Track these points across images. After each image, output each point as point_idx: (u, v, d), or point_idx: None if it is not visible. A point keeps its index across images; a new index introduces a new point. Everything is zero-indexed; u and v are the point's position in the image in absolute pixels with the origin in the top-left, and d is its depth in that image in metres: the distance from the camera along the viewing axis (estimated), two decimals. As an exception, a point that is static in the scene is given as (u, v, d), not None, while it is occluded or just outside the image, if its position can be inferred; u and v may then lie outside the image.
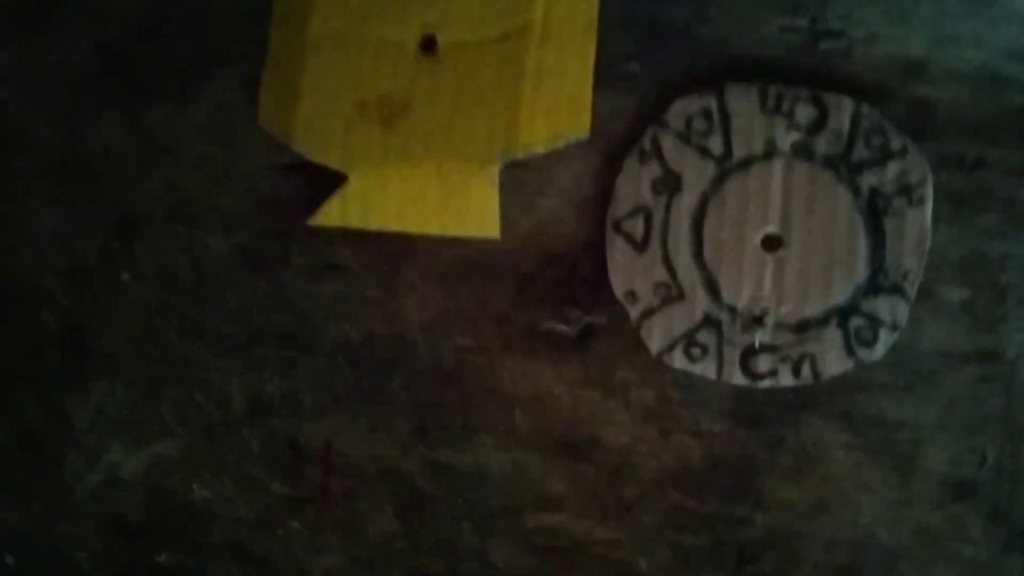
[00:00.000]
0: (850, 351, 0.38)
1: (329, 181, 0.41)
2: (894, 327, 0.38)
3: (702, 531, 0.41)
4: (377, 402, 0.44)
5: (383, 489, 0.44)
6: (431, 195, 0.41)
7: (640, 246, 0.39)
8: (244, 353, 0.44)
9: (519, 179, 0.41)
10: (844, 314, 0.38)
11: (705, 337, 0.39)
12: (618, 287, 0.40)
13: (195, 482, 0.45)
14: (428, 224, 0.42)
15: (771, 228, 0.38)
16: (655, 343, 0.39)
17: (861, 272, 0.38)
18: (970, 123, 0.39)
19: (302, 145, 0.41)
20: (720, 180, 0.39)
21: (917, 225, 0.38)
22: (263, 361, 0.44)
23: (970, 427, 0.39)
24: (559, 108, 0.40)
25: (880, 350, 0.38)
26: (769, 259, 0.39)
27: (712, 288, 0.39)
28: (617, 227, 0.40)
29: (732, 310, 0.39)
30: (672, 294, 0.39)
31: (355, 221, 0.42)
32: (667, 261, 0.39)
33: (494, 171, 0.40)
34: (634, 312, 0.39)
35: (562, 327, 0.42)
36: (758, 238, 0.39)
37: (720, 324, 0.39)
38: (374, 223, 0.42)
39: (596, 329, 0.41)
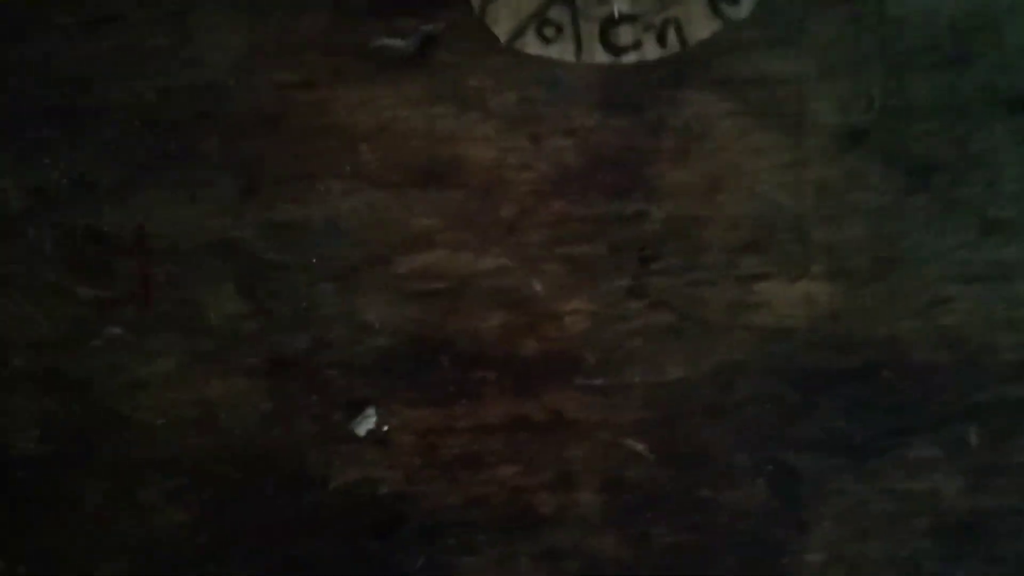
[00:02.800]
0: (715, 9, 0.35)
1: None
2: None
3: (595, 237, 0.36)
4: (191, 166, 0.36)
5: (217, 265, 0.36)
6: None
7: None
8: (11, 139, 0.36)
9: None
10: None
11: (558, 13, 0.35)
12: None
13: (-27, 310, 0.36)
14: (219, -61, 0.35)
15: None
16: (503, 28, 0.34)
17: None
18: None
19: None
20: None
21: None
22: (38, 144, 0.36)
23: (850, 70, 0.36)
24: None
25: (747, 5, 0.35)
26: None
27: None
28: None
29: None
30: None
31: (128, -51, 0.34)
32: None
33: None
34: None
35: (397, 42, 0.36)
36: None
37: None
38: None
39: (436, 37, 0.36)
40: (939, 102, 0.36)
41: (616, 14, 0.34)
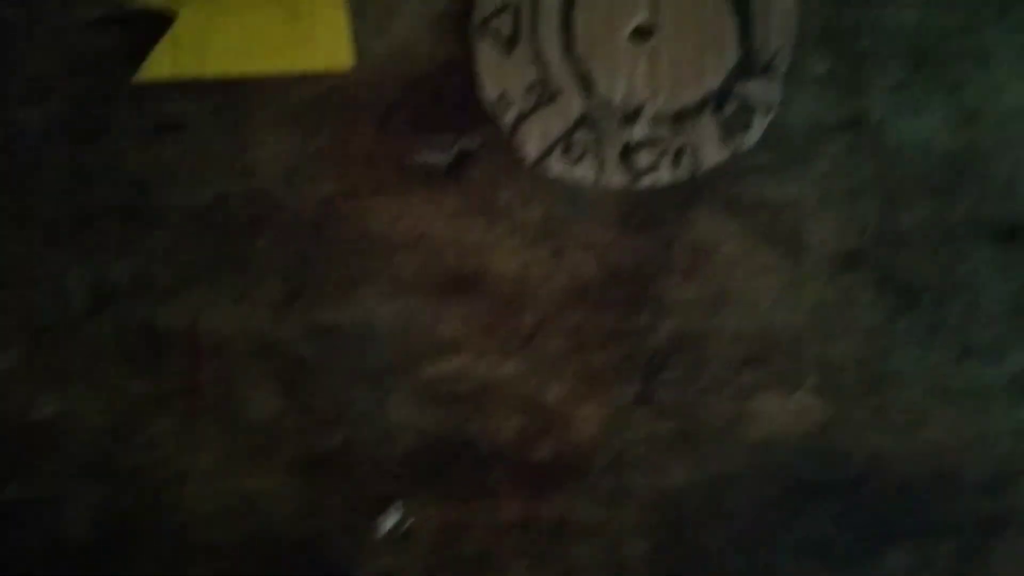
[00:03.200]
0: (727, 137, 0.38)
1: (152, 29, 0.37)
2: (768, 108, 0.38)
3: (608, 347, 0.40)
4: (240, 269, 0.39)
5: (260, 364, 0.39)
6: (273, 27, 0.38)
7: (509, 45, 0.37)
8: (78, 237, 0.39)
9: (367, 0, 0.38)
10: (719, 100, 0.38)
11: (583, 137, 0.38)
12: (489, 92, 0.37)
13: (39, 396, 0.39)
14: (273, 62, 0.38)
15: (642, 16, 0.37)
16: (532, 149, 0.37)
17: (732, 55, 0.38)
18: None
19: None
20: None
21: (783, 1, 0.38)
22: (101, 243, 0.39)
23: (848, 197, 0.40)
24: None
25: (755, 133, 0.38)
26: (641, 50, 0.38)
27: (586, 84, 0.38)
28: (483, 27, 0.37)
29: (608, 106, 0.37)
30: (546, 94, 0.38)
31: (189, 69, 0.38)
32: (538, 59, 0.38)
33: (340, -10, 0.37)
34: (508, 118, 0.37)
35: (434, 157, 0.39)
36: (629, 28, 0.38)
37: (597, 122, 0.38)
38: (211, 68, 0.38)
39: (470, 154, 0.39)
40: (928, 229, 0.39)
41: (636, 139, 0.37)
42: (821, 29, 0.39)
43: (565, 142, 0.38)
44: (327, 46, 0.37)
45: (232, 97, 0.38)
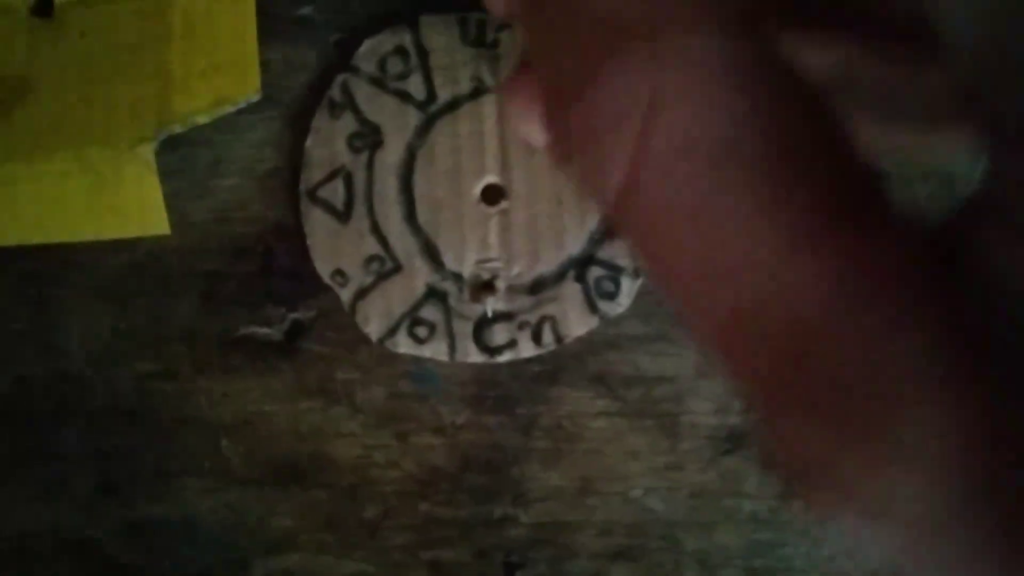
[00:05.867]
0: (592, 307, 0.34)
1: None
2: (636, 273, 0.34)
3: (460, 542, 0.36)
4: (46, 461, 0.35)
5: (68, 569, 0.35)
6: (75, 194, 0.34)
7: (343, 215, 0.34)
8: None
9: (184, 159, 0.34)
10: (581, 266, 0.34)
11: (431, 313, 0.34)
12: (323, 268, 0.33)
13: None
14: (78, 229, 0.34)
15: (491, 177, 0.34)
16: (374, 328, 0.33)
17: (593, 215, 0.34)
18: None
19: None
20: (426, 127, 0.34)
21: None
22: None
23: (730, 370, 0.36)
24: (220, 67, 0.34)
25: (624, 301, 0.34)
26: (492, 213, 0.34)
27: (432, 255, 0.34)
28: (313, 197, 0.34)
29: (457, 277, 0.33)
30: (387, 268, 0.33)
31: (-16, 238, 0.33)
32: (376, 230, 0.34)
33: (149, 152, 0.33)
34: (345, 295, 0.33)
35: (264, 330, 0.35)
36: (477, 190, 0.34)
37: (446, 295, 0.34)
38: (7, 238, 0.34)
39: (305, 326, 0.35)
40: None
41: (490, 313, 0.33)
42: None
43: (412, 318, 0.34)
44: (138, 211, 0.33)
45: (33, 268, 0.34)
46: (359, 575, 0.35)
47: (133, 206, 0.33)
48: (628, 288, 0.34)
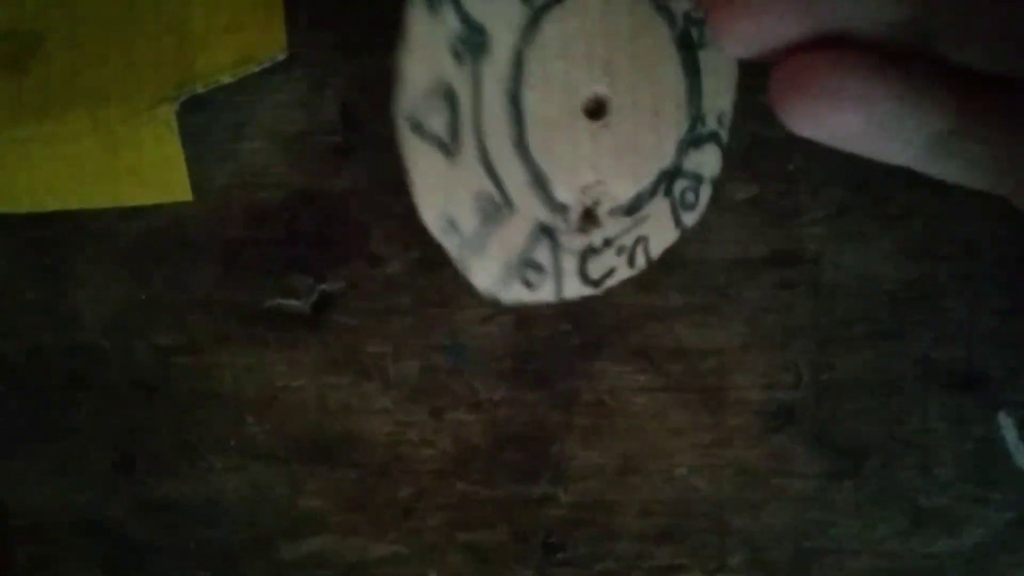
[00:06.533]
0: (677, 220, 0.31)
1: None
2: (712, 181, 0.31)
3: (498, 523, 0.34)
4: (61, 436, 0.33)
5: (84, 547, 0.33)
6: (91, 156, 0.32)
7: (450, 148, 0.27)
8: None
9: (206, 121, 0.32)
10: (670, 178, 0.31)
11: (542, 253, 0.30)
12: (429, 215, 0.27)
13: None
14: (94, 195, 0.32)
15: (599, 87, 0.30)
16: (484, 278, 0.29)
17: (683, 123, 0.31)
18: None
19: None
20: (533, 25, 0.29)
21: (726, 56, 0.30)
22: None
23: (778, 342, 0.34)
24: (244, 23, 0.32)
25: (700, 211, 0.31)
26: (597, 129, 0.30)
27: (543, 185, 0.29)
28: (416, 126, 0.27)
29: (563, 208, 0.30)
30: (499, 207, 0.29)
31: (-5, 203, 0.32)
32: (486, 161, 0.28)
33: (170, 114, 0.31)
34: (455, 245, 0.29)
35: (290, 302, 0.33)
36: (584, 104, 0.30)
37: (554, 231, 0.30)
38: (21, 204, 0.32)
39: (333, 297, 0.33)
40: (872, 378, 0.34)
41: (598, 243, 0.30)
42: (744, 148, 0.33)
43: (525, 261, 0.30)
44: (158, 175, 0.31)
45: (47, 235, 0.32)
46: (392, 558, 0.33)
47: (152, 170, 0.32)
48: (704, 197, 0.31)
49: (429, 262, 0.32)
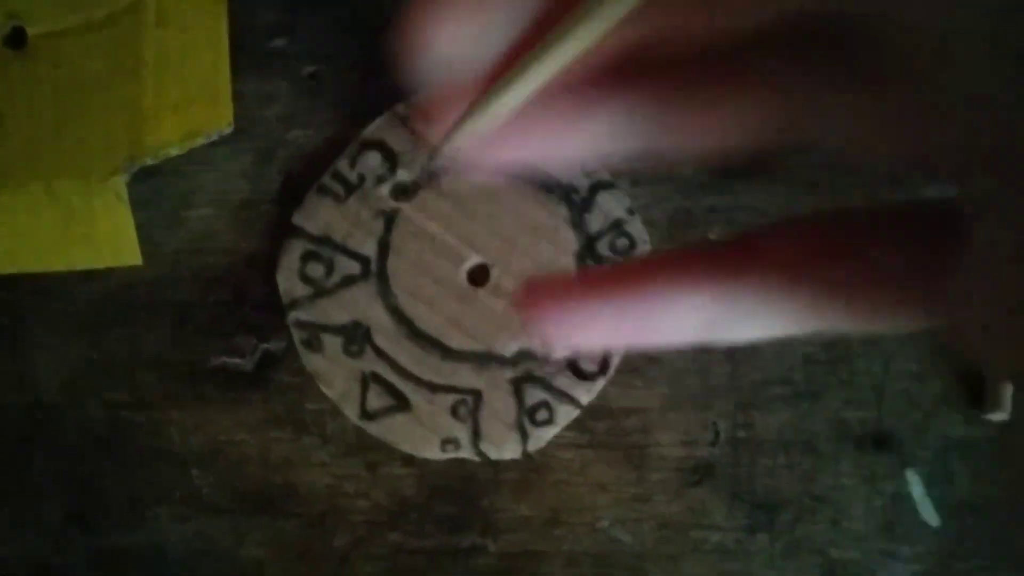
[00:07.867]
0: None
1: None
2: None
3: (430, 572, 0.36)
4: (16, 489, 0.35)
5: (36, 596, 0.35)
6: (46, 224, 0.34)
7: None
8: None
9: (156, 190, 0.34)
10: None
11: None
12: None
13: None
14: (50, 260, 0.34)
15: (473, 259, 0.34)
16: (510, 450, 0.35)
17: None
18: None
19: None
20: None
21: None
22: None
23: (698, 402, 0.36)
24: (192, 99, 0.34)
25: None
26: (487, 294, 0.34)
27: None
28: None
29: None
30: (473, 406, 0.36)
31: (-45, 269, 0.34)
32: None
33: (120, 184, 0.33)
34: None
35: (235, 360, 0.35)
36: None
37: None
38: (-19, 268, 0.34)
39: (275, 356, 0.35)
40: (787, 437, 0.36)
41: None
42: (668, 218, 0.35)
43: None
44: (110, 242, 0.33)
45: (6, 297, 0.34)
46: (328, 604, 0.35)
47: (105, 237, 0.34)
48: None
49: (360, 330, 0.34)
